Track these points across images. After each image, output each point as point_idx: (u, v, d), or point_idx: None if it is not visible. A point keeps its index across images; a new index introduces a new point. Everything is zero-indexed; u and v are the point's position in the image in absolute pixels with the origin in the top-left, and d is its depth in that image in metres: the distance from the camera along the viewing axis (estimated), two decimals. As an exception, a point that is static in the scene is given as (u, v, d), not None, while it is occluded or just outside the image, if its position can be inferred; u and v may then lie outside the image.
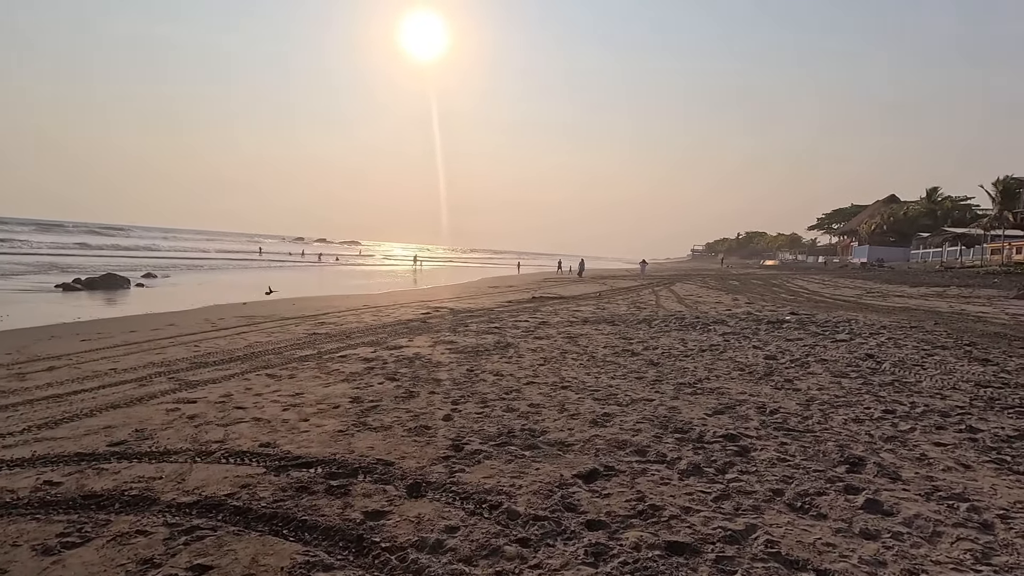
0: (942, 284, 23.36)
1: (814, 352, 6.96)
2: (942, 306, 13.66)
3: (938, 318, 10.74)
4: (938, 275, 31.10)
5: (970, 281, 24.56)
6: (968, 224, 53.07)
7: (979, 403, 4.62)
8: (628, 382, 5.31)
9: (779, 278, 30.35)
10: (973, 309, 12.83)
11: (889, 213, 65.45)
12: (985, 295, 17.30)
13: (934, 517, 2.61)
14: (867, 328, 9.04)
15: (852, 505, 2.73)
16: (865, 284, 23.92)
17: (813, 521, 2.58)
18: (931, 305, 13.94)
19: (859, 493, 2.86)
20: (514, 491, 2.85)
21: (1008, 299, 15.66)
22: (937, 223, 57.90)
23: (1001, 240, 41.99)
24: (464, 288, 21.50)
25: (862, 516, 2.62)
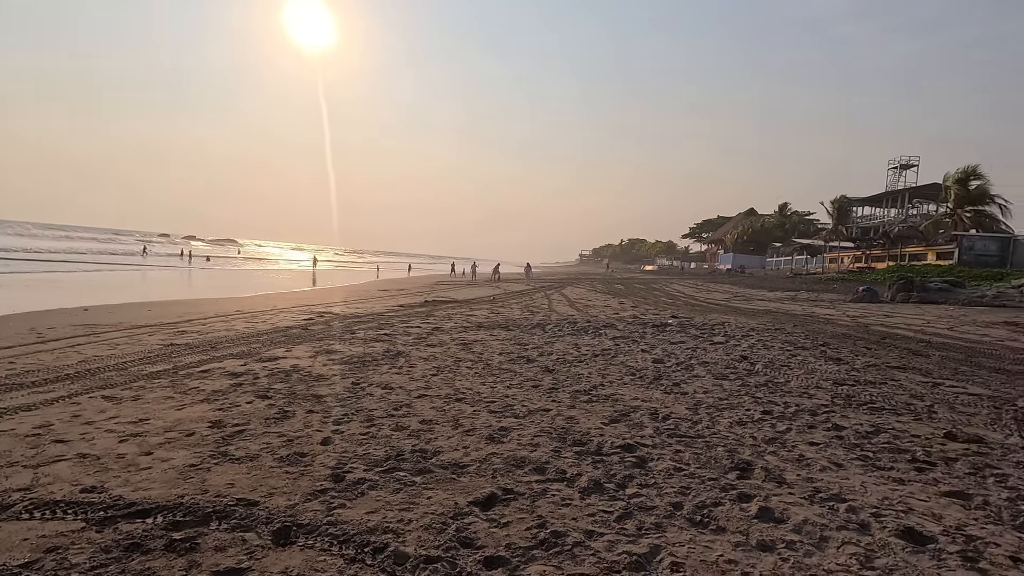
0: (793, 289, 26.34)
1: (696, 355, 7.31)
2: (796, 309, 15.27)
3: (795, 320, 11.93)
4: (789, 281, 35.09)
5: (815, 286, 27.96)
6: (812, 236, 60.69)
7: (839, 401, 5.04)
8: (524, 391, 5.15)
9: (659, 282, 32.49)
10: (821, 312, 14.48)
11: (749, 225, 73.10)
12: (828, 299, 19.71)
13: (819, 521, 2.67)
14: (739, 331, 9.76)
15: (747, 515, 2.73)
16: (732, 288, 26.30)
17: (713, 536, 2.52)
18: (787, 308, 15.54)
19: (751, 500, 2.88)
20: (403, 528, 2.51)
21: (846, 302, 17.95)
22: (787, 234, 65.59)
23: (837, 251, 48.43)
24: (352, 291, 20.42)
25: (757, 526, 2.62)
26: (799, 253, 56.31)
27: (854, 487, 3.11)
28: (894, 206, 52.50)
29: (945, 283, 20.72)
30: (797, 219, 69.64)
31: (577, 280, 34.78)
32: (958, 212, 38.87)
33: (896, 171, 55.14)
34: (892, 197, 52.61)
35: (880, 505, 2.87)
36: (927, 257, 36.08)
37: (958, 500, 2.97)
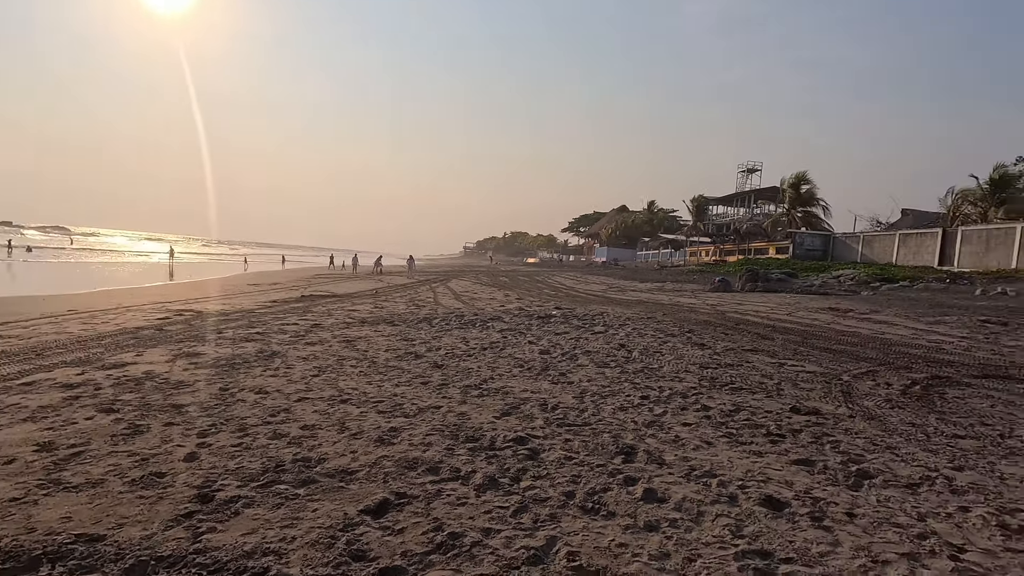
0: (660, 280, 28.63)
1: (579, 344, 7.63)
2: (664, 299, 16.60)
3: (664, 310, 12.94)
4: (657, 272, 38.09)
5: (679, 278, 30.63)
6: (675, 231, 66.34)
7: (705, 383, 5.53)
8: (414, 388, 5.01)
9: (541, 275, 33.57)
10: (685, 301, 15.87)
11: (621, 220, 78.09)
12: (690, 289, 21.68)
13: (696, 498, 2.89)
14: (616, 320, 10.37)
15: (633, 497, 2.88)
16: (607, 280, 27.94)
17: (605, 521, 2.62)
18: (656, 298, 16.83)
19: (637, 483, 3.05)
20: (286, 547, 2.30)
21: (705, 292, 19.87)
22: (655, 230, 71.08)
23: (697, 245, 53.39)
24: (218, 286, 18.60)
25: (643, 508, 2.77)
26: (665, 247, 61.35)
27: (723, 463, 3.41)
28: (743, 205, 59.10)
29: (783, 274, 23.76)
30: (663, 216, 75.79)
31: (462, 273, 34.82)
32: (792, 212, 44.77)
33: (744, 174, 62.10)
34: (741, 198, 59.17)
35: (744, 478, 3.18)
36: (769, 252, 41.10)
37: (804, 467, 3.38)
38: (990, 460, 3.60)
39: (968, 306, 13.96)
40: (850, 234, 36.22)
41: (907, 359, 7.00)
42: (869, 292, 19.56)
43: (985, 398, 5.24)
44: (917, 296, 17.58)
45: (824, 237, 37.67)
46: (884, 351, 7.54)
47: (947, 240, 27.27)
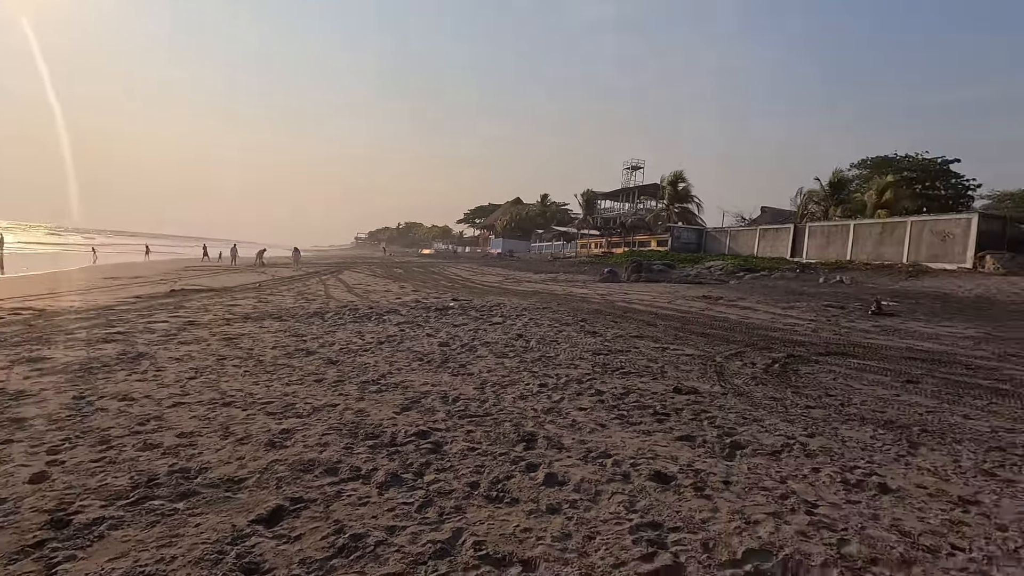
0: (554, 271, 29.61)
1: (478, 336, 7.68)
2: (557, 289, 17.20)
3: (558, 300, 13.41)
4: (550, 264, 39.32)
5: (571, 269, 31.89)
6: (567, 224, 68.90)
7: (598, 369, 5.82)
8: (307, 387, 4.75)
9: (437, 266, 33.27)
10: (577, 291, 16.57)
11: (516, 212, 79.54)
12: (582, 279, 22.66)
13: (593, 478, 3.05)
14: (513, 311, 10.57)
15: (536, 483, 2.97)
16: (503, 271, 28.37)
17: (509, 508, 2.68)
18: (551, 289, 17.40)
19: (538, 469, 3.14)
20: (165, 568, 2.08)
21: (595, 282, 20.88)
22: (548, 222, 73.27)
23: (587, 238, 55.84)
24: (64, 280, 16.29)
25: (545, 492, 2.86)
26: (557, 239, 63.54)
27: (616, 443, 3.62)
28: (628, 201, 62.76)
29: (664, 265, 25.63)
30: (556, 209, 78.32)
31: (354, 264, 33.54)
32: (671, 208, 48.34)
33: (629, 171, 65.93)
34: (626, 193, 62.79)
35: (636, 456, 3.40)
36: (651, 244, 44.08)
37: (687, 442, 3.69)
38: (834, 426, 4.17)
39: (814, 292, 16.00)
40: (719, 229, 39.89)
41: (768, 340, 7.88)
42: (736, 281, 21.71)
43: (829, 373, 6.05)
44: (774, 284, 19.82)
45: (698, 231, 41.13)
46: (749, 334, 8.42)
47: (797, 235, 30.99)
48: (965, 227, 22.62)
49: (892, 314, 11.35)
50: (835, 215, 35.22)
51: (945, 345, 8.04)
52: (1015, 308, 13.09)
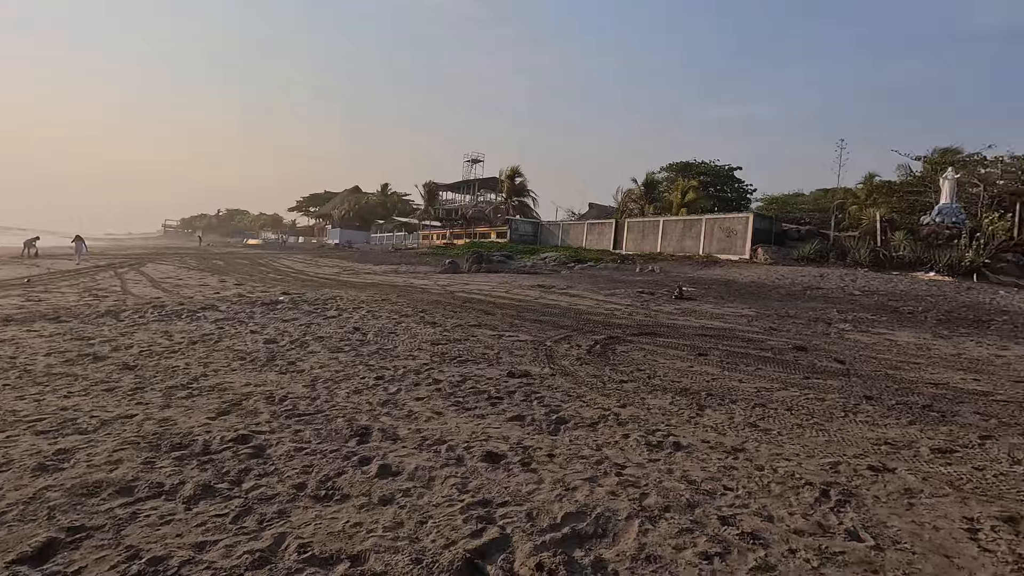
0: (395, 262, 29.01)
1: (311, 331, 7.24)
2: (398, 281, 16.90)
3: (398, 291, 13.19)
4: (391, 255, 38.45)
5: (412, 260, 31.52)
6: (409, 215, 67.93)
7: (436, 358, 5.87)
8: (93, 398, 4.05)
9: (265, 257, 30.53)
10: (418, 282, 16.45)
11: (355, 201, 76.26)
12: (423, 271, 22.55)
13: (428, 465, 3.08)
14: (351, 304, 10.14)
15: (368, 476, 2.91)
16: (341, 263, 27.03)
17: (339, 505, 2.59)
18: (391, 280, 17.04)
19: (371, 462, 3.08)
20: None
21: (437, 273, 20.94)
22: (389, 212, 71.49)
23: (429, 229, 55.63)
24: None
25: (378, 484, 2.82)
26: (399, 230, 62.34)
27: (451, 429, 3.70)
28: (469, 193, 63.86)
29: (503, 256, 26.63)
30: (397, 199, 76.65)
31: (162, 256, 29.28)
32: (509, 201, 50.31)
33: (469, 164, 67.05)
34: (467, 185, 63.82)
35: (470, 439, 3.51)
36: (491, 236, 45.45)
37: (517, 422, 3.91)
38: (642, 396, 4.74)
39: (632, 281, 17.91)
40: (553, 222, 42.61)
41: (592, 324, 8.65)
42: (567, 271, 23.40)
43: (640, 350, 6.84)
44: (599, 274, 21.77)
45: (534, 224, 43.45)
46: (576, 319, 9.16)
47: (618, 229, 34.39)
48: (744, 224, 27.13)
49: (690, 298, 13.21)
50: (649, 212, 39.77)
51: (728, 323, 9.59)
52: (778, 291, 16.09)
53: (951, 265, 21.03)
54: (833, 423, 4.24)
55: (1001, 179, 29.02)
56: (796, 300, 14.02)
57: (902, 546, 2.44)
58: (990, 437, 4.03)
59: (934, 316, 11.76)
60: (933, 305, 13.39)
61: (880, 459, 3.48)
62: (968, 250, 21.89)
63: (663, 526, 2.50)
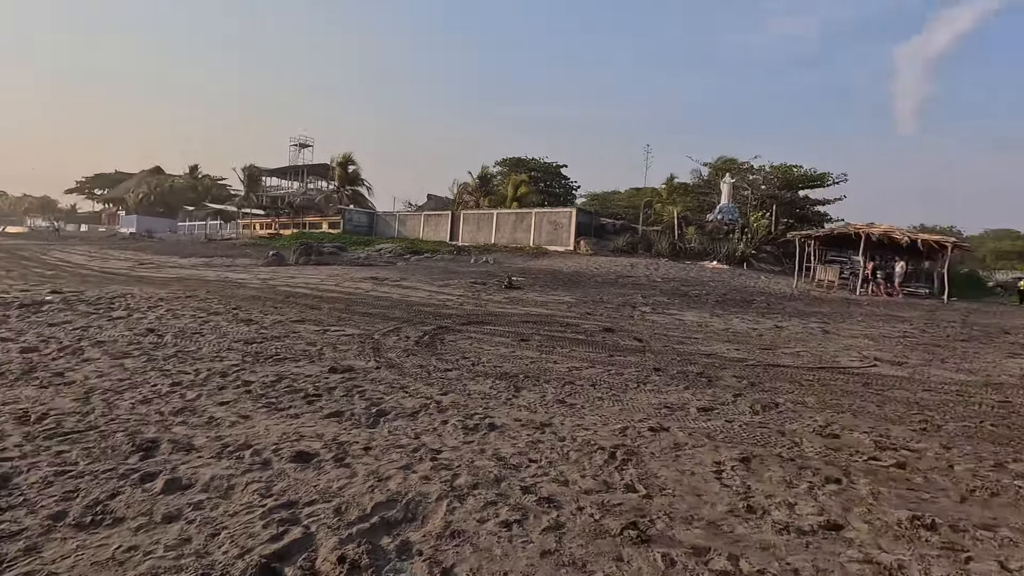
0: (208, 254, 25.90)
1: (88, 334, 6.16)
2: (210, 275, 15.14)
3: (208, 287, 11.83)
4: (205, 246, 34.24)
5: (231, 252, 28.42)
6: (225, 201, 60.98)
7: (249, 359, 5.41)
8: None
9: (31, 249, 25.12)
10: (235, 276, 14.91)
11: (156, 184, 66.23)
12: (243, 264, 20.49)
13: (227, 473, 2.85)
14: (145, 302, 8.84)
15: (151, 494, 2.59)
16: (138, 255, 23.35)
17: (109, 531, 2.27)
18: (201, 274, 15.20)
19: (157, 478, 2.75)
20: None
21: (259, 266, 19.18)
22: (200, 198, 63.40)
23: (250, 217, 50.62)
24: None
25: (163, 500, 2.53)
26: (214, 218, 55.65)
27: (259, 432, 3.46)
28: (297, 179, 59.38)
29: (335, 247, 25.35)
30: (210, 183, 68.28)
31: None
32: (342, 190, 47.93)
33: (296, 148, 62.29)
34: (295, 171, 59.27)
35: (280, 441, 3.32)
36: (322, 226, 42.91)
37: (335, 418, 3.80)
38: (464, 383, 4.91)
39: (466, 271, 18.33)
40: (389, 213, 41.67)
41: (423, 315, 8.69)
42: (403, 262, 23.12)
43: (468, 339, 7.07)
44: (435, 265, 21.89)
45: (369, 214, 42.04)
46: (408, 311, 9.13)
47: (454, 221, 34.88)
48: (569, 218, 29.38)
49: (519, 287, 13.97)
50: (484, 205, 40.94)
51: (550, 310, 10.35)
52: (595, 279, 17.77)
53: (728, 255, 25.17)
54: (627, 394, 4.85)
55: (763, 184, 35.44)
56: (610, 287, 15.63)
57: (666, 492, 2.90)
58: (740, 395, 4.96)
59: (713, 298, 14.02)
60: (713, 289, 15.94)
61: (659, 421, 4.08)
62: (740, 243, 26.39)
63: (470, 502, 2.64)
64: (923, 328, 10.82)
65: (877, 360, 7.04)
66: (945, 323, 11.98)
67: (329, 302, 9.85)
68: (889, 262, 22.78)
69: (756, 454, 3.48)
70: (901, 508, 2.80)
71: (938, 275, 22.04)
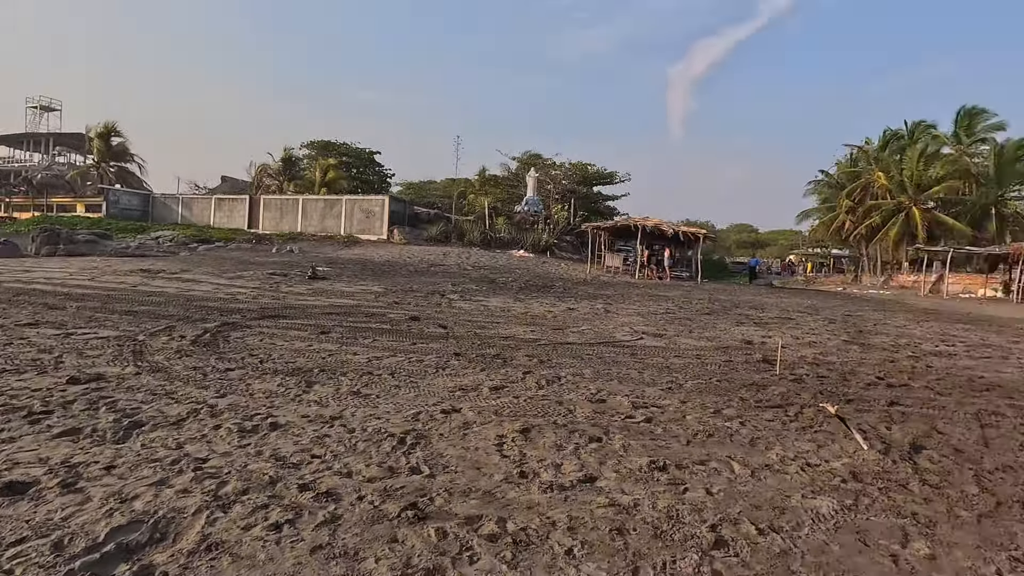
0: None
1: None
2: None
3: None
4: None
5: (-69, 239, 21.84)
6: (-78, 174, 46.58)
7: (-56, 374, 4.23)
8: None
9: None
10: (-65, 271, 11.52)
11: None
12: (-51, 255, 15.90)
13: None
14: None
15: None
16: None
17: None
18: None
19: None
20: None
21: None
22: None
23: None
24: None
25: None
26: (-96, 195, 42.05)
27: (-52, 465, 2.73)
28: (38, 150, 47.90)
29: (93, 235, 21.11)
30: None
31: None
32: (103, 165, 40.00)
33: (36, 112, 50.13)
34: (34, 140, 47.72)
35: (-20, 472, 2.66)
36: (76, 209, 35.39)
37: (69, 437, 3.17)
38: (248, 383, 4.50)
39: (265, 262, 16.77)
40: (170, 195, 36.01)
41: (205, 311, 7.72)
42: (187, 252, 20.23)
43: (259, 335, 6.48)
44: (228, 255, 19.60)
45: (144, 196, 35.85)
46: (186, 307, 8.02)
47: (254, 206, 31.57)
48: (382, 206, 28.67)
49: (325, 278, 13.24)
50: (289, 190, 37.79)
51: (357, 300, 10.01)
52: (407, 268, 17.68)
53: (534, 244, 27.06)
54: (425, 379, 4.92)
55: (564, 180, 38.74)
56: (422, 276, 15.69)
57: (449, 469, 3.02)
58: (530, 372, 5.38)
59: (517, 285, 14.96)
60: (519, 276, 17.02)
61: (452, 403, 4.22)
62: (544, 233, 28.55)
63: (237, 509, 2.43)
64: (681, 305, 12.95)
65: (644, 334, 8.23)
66: (697, 300, 14.50)
67: (79, 300, 8.19)
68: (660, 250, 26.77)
69: (535, 424, 3.81)
70: (643, 456, 3.31)
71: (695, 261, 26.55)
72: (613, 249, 27.06)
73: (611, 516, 2.55)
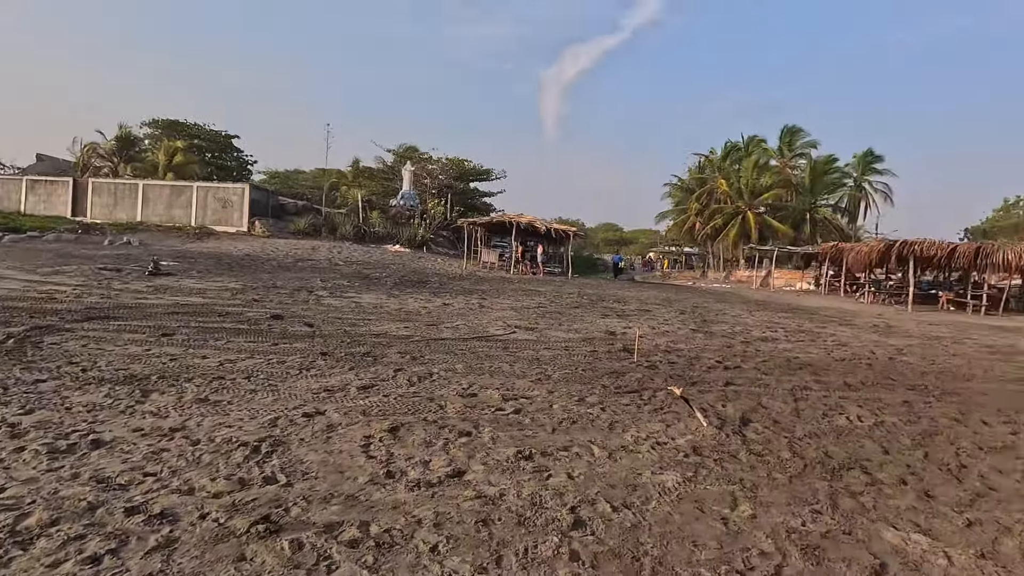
0: None
1: None
2: None
3: None
4: None
5: None
6: None
7: None
8: None
9: None
10: None
11: None
12: None
13: None
14: None
15: None
16: None
17: None
18: None
19: None
20: None
21: None
22: None
23: None
24: None
25: None
26: None
27: None
28: None
29: None
30: None
31: None
32: None
33: None
34: None
35: None
36: None
37: None
38: (66, 395, 3.87)
39: (94, 255, 14.56)
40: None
41: (10, 313, 6.51)
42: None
43: (82, 339, 5.60)
44: (46, 247, 16.74)
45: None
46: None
47: (79, 190, 27.22)
48: (241, 195, 26.25)
49: (169, 273, 11.82)
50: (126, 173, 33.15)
51: (209, 298, 9.07)
52: (271, 263, 16.39)
53: (410, 239, 26.56)
54: (287, 382, 4.59)
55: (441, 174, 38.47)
56: (287, 271, 14.65)
57: (309, 476, 2.84)
58: (401, 369, 5.26)
59: (392, 280, 14.59)
60: (394, 272, 16.60)
61: (316, 405, 3.98)
62: (420, 228, 28.13)
63: (41, 545, 2.07)
64: (552, 299, 13.50)
65: (516, 327, 8.45)
66: (567, 295, 15.21)
67: None
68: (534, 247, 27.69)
69: (405, 422, 3.73)
70: (511, 447, 3.39)
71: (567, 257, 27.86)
72: (489, 245, 27.44)
73: (477, 508, 2.57)
